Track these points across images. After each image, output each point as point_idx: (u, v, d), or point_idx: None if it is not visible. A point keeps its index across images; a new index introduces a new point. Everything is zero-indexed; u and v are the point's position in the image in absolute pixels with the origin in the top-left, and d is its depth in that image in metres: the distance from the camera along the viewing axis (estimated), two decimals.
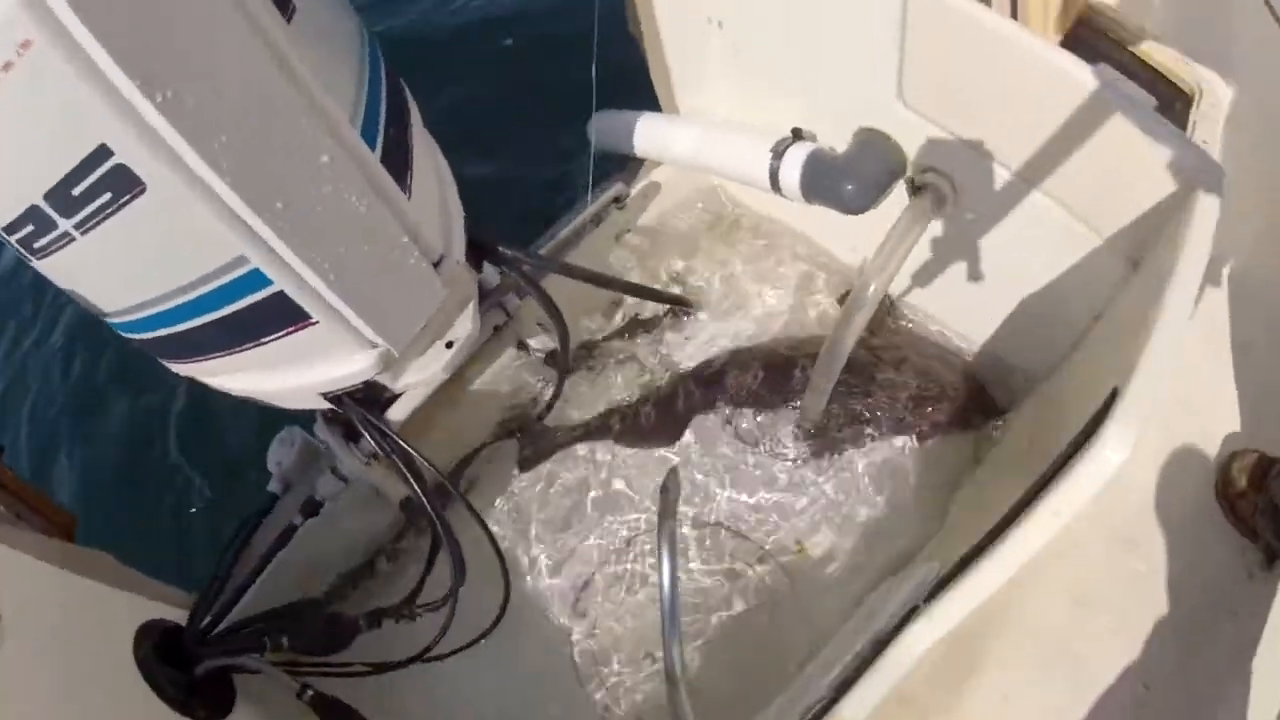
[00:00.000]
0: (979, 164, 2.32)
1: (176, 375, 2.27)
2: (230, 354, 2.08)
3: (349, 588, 2.98)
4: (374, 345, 2.07)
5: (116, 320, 2.01)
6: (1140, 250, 2.23)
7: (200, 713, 2.40)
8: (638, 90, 3.14)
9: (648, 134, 3.05)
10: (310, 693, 2.47)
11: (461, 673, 2.77)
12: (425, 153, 2.24)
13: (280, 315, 1.91)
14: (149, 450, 4.49)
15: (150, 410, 4.55)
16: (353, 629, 2.59)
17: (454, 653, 2.62)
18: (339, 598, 2.95)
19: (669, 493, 2.13)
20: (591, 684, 2.82)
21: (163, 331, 2.00)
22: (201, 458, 4.31)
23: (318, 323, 1.93)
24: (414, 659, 2.61)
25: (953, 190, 2.41)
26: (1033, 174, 2.28)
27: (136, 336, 2.06)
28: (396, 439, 2.34)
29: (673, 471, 2.20)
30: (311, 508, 2.70)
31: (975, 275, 2.68)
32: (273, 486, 2.92)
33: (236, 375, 2.25)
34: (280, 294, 1.83)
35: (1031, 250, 2.46)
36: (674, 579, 2.05)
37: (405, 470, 2.34)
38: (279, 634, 2.51)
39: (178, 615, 2.67)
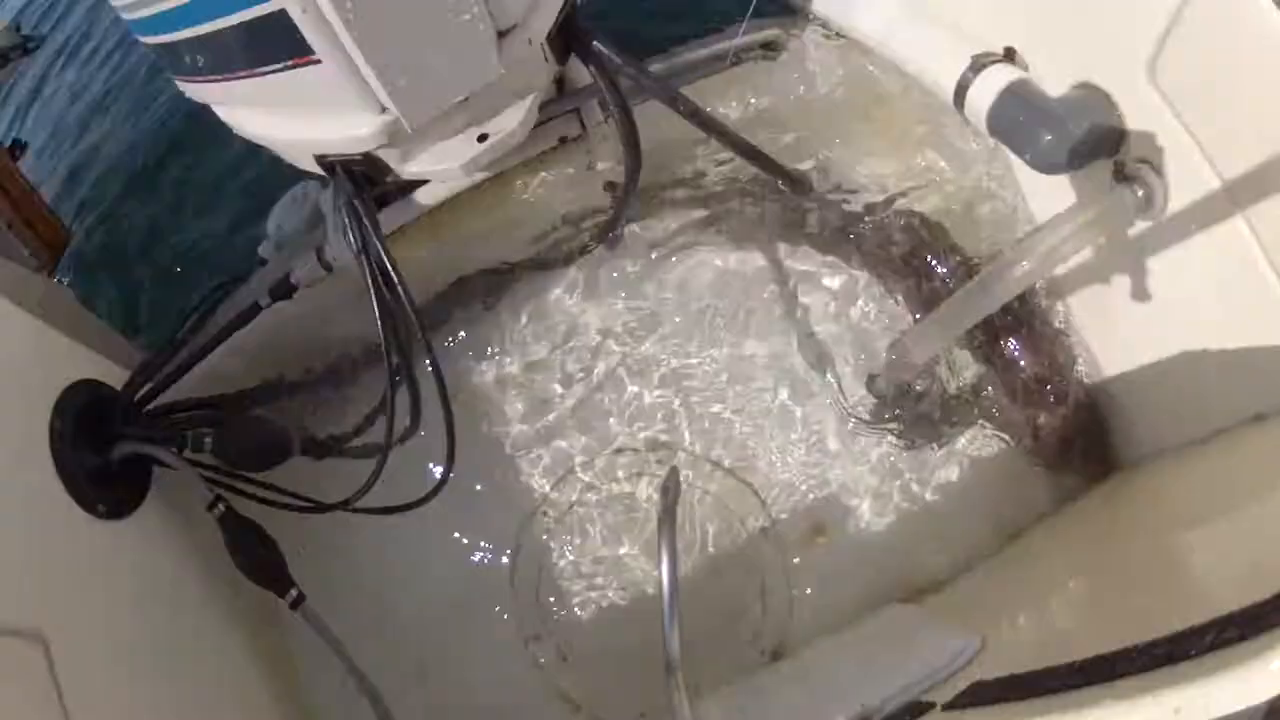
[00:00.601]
0: (1206, 180, 1.91)
1: None
2: (229, 79, 1.83)
3: (297, 397, 2.71)
4: (382, 110, 1.71)
5: (130, 17, 1.86)
6: None
7: (100, 506, 2.21)
8: None
9: None
10: (221, 508, 2.24)
11: (393, 542, 2.58)
12: None
13: (280, 42, 1.60)
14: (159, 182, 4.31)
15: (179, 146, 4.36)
16: (284, 447, 2.34)
17: (377, 511, 2.33)
18: (283, 407, 2.67)
19: (669, 493, 1.97)
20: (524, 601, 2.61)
21: (166, 36, 1.81)
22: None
23: (320, 62, 1.60)
24: (335, 506, 2.33)
25: (1164, 197, 2.01)
26: (1261, 218, 1.87)
27: (147, 40, 1.90)
28: (378, 238, 1.96)
29: (673, 471, 2.04)
30: (282, 290, 2.37)
31: (1138, 294, 2.26)
32: (264, 249, 2.68)
33: (237, 109, 2.00)
34: (282, 14, 1.52)
35: (1216, 301, 2.06)
36: (674, 576, 1.85)
37: (371, 277, 1.98)
38: (204, 430, 2.29)
39: (123, 379, 2.51)
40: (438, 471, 2.24)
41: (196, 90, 1.97)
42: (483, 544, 2.66)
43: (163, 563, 2.39)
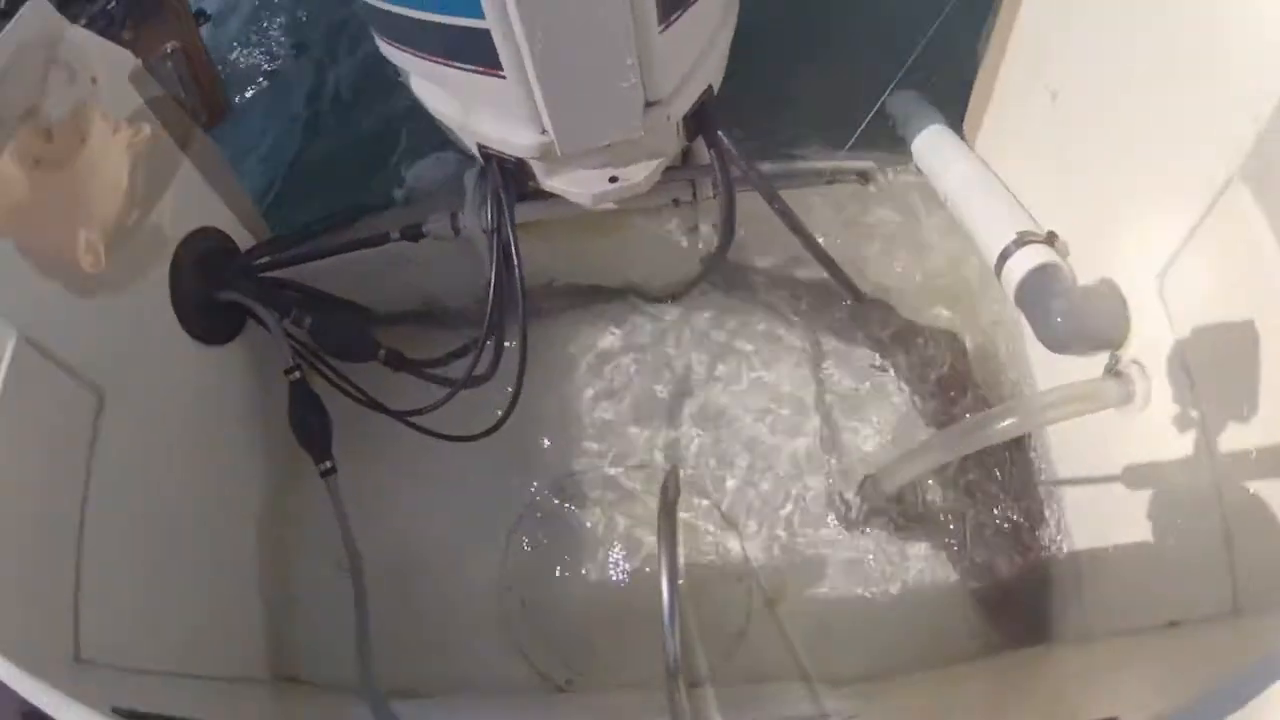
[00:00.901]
0: (1185, 396, 2.07)
1: None
2: (422, 58, 2.24)
3: (397, 323, 3.09)
4: (543, 131, 2.13)
5: None
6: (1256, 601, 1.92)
7: (195, 329, 2.64)
8: (947, 87, 3.00)
9: (931, 143, 2.93)
10: (297, 375, 2.65)
11: (428, 465, 2.91)
12: (714, 12, 2.27)
13: (477, 51, 1.99)
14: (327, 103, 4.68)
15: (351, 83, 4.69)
16: (369, 350, 2.73)
17: (434, 434, 2.73)
18: (380, 322, 3.05)
19: (669, 491, 2.16)
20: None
21: (383, 4, 2.16)
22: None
23: (505, 79, 2.00)
24: (396, 413, 2.73)
25: (1145, 398, 2.18)
26: (1222, 443, 1.98)
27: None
28: (510, 225, 2.41)
29: (673, 470, 2.25)
30: (412, 233, 2.81)
31: (1111, 480, 2.41)
32: (398, 194, 3.11)
33: (422, 81, 2.41)
34: (485, 34, 1.91)
35: (1163, 508, 2.22)
36: (674, 578, 2.06)
37: (495, 254, 2.43)
38: (306, 311, 2.69)
39: (247, 241, 2.94)
40: (489, 422, 2.66)
41: (393, 54, 2.36)
42: (503, 494, 2.98)
43: (225, 394, 2.80)
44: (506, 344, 2.58)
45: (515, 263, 2.41)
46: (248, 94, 4.77)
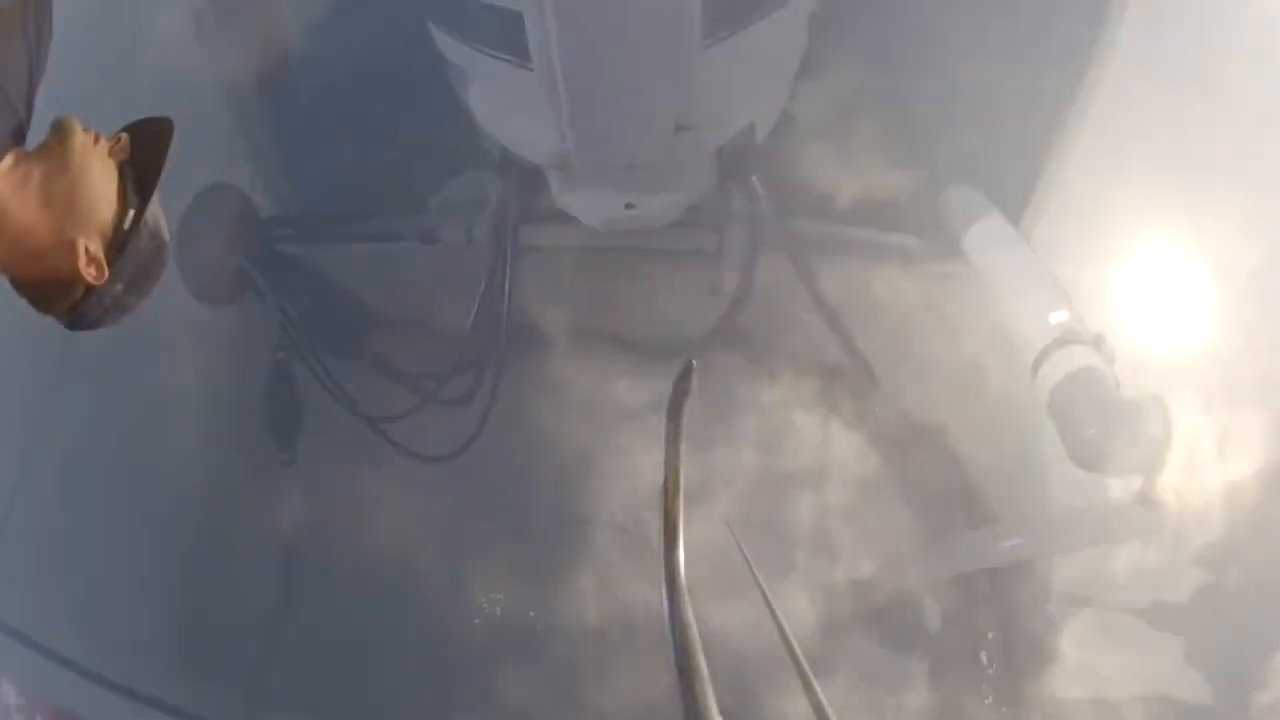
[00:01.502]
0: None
1: None
2: (464, 44, 2.10)
3: (402, 327, 2.92)
4: (562, 136, 1.96)
5: None
6: None
7: (194, 283, 2.50)
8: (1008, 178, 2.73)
9: (980, 232, 2.62)
10: (281, 355, 2.57)
11: (400, 479, 2.69)
12: (772, 42, 2.06)
13: (507, 37, 1.86)
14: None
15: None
16: (357, 348, 2.66)
17: (396, 444, 2.57)
18: (385, 324, 2.89)
19: (669, 488, 1.92)
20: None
21: None
22: None
23: (532, 71, 1.85)
24: (367, 417, 2.57)
25: (1176, 529, 2.00)
26: None
27: None
28: (509, 242, 2.32)
29: (674, 473, 2.01)
30: (426, 235, 2.67)
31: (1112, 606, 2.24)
32: (432, 200, 2.90)
33: (463, 75, 2.26)
34: (518, 16, 1.76)
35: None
36: (674, 575, 1.84)
37: (492, 271, 2.34)
38: (307, 295, 2.64)
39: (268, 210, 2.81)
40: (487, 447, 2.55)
41: (441, 39, 2.20)
42: (476, 519, 2.73)
43: (206, 356, 2.60)
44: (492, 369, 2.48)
45: (505, 284, 2.34)
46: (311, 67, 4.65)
